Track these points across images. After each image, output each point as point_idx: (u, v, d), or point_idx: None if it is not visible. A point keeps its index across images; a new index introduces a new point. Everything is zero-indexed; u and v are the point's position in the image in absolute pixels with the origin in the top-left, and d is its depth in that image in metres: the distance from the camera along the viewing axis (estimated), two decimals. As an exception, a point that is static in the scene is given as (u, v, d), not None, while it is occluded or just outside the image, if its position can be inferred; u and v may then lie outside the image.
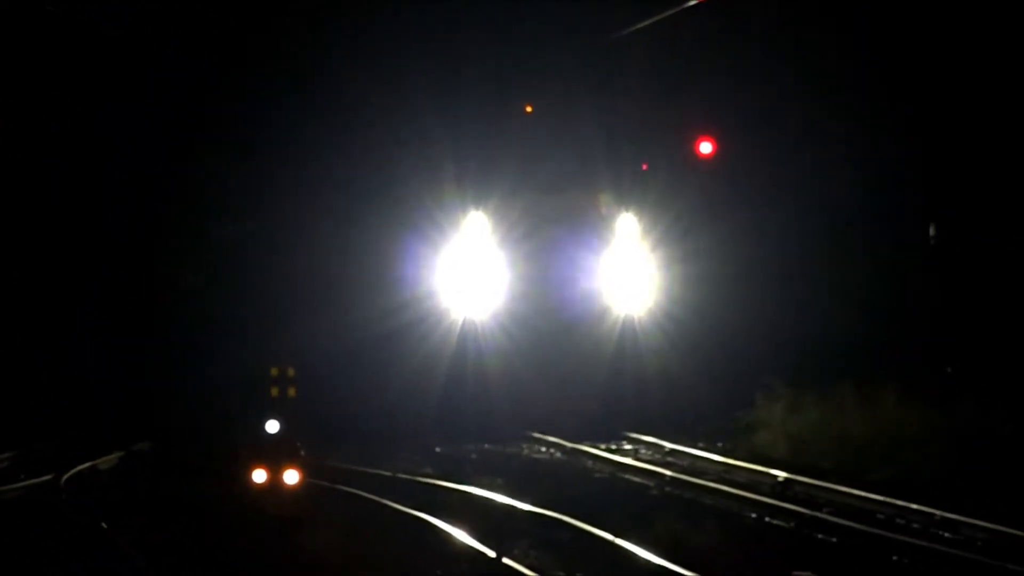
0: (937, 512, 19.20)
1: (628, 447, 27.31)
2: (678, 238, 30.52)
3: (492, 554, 17.60)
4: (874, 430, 26.52)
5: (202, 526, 20.18)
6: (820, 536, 18.52)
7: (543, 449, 27.96)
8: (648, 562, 16.60)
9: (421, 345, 29.77)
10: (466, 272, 30.55)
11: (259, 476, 19.63)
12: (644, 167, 30.05)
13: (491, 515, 20.39)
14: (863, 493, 20.52)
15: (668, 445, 26.80)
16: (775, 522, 19.61)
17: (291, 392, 20.55)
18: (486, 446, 28.15)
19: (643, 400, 30.01)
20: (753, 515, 20.14)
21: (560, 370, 30.39)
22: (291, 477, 19.69)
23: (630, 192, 31.04)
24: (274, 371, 20.36)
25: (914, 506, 19.45)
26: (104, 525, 20.02)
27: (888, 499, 20.02)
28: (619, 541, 17.55)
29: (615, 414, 29.67)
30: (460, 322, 30.36)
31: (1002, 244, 27.62)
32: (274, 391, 20.55)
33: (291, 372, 20.53)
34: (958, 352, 27.04)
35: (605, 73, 30.54)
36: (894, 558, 17.37)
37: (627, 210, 31.21)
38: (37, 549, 18.59)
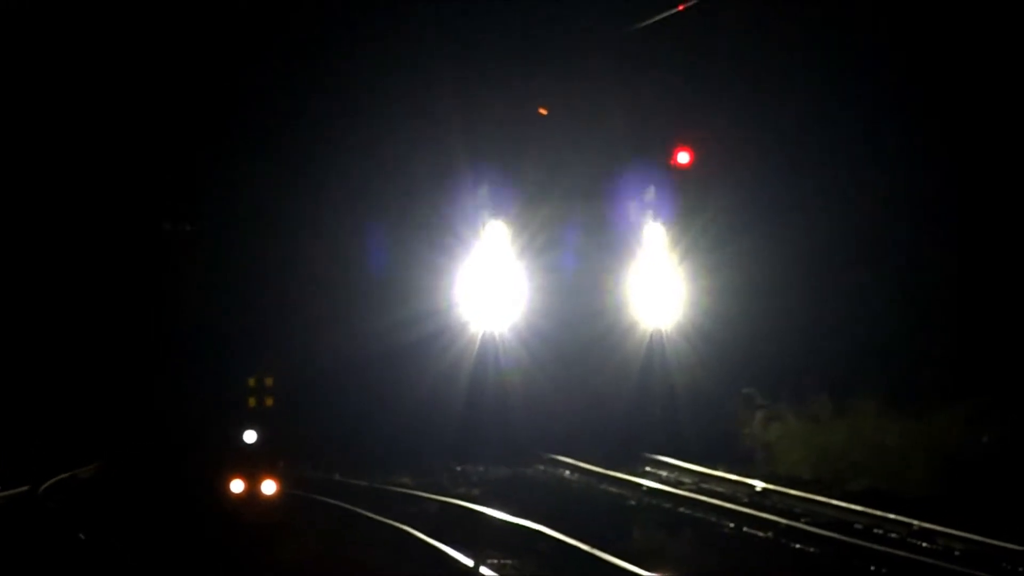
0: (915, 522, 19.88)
1: (651, 470, 26.76)
2: (709, 248, 30.67)
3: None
4: (912, 443, 26.78)
5: (181, 536, 20.22)
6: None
7: (565, 473, 27.24)
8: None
9: (439, 360, 29.48)
10: (485, 284, 30.23)
11: (237, 486, 20.27)
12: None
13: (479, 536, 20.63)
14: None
15: (697, 468, 26.21)
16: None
17: (268, 402, 21.24)
18: (502, 469, 27.57)
19: (672, 419, 29.67)
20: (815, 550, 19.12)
21: (584, 387, 30.00)
22: (268, 487, 20.29)
23: (659, 200, 30.81)
24: (251, 381, 21.05)
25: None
26: (82, 536, 20.57)
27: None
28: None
29: (642, 434, 29.15)
30: (479, 336, 30.05)
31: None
32: (252, 401, 21.29)
33: (269, 382, 21.18)
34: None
35: (634, 70, 30.01)
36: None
37: (656, 219, 30.92)
38: (13, 559, 18.78)
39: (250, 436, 20.71)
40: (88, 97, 30.32)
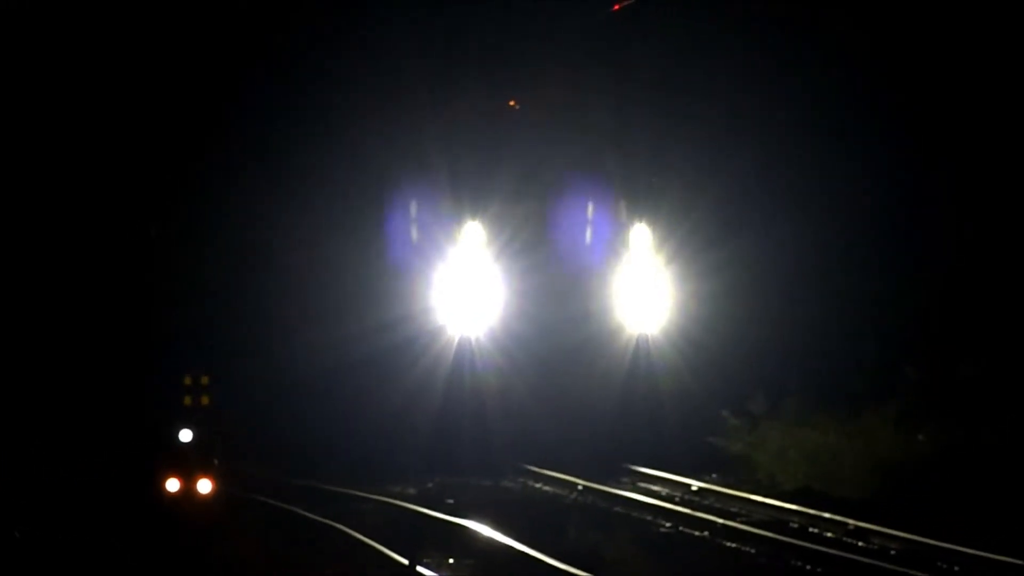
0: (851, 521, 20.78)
1: (640, 484, 26.39)
2: (698, 250, 30.77)
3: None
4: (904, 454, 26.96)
5: (116, 535, 20.71)
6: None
7: (541, 487, 26.85)
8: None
9: (413, 367, 29.07)
10: (461, 288, 29.76)
11: (172, 485, 20.72)
12: None
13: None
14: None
15: (687, 481, 25.89)
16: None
17: (204, 401, 21.69)
18: (481, 481, 27.25)
19: (658, 428, 29.29)
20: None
21: (567, 395, 29.60)
22: (204, 486, 20.71)
23: (644, 199, 30.55)
24: (187, 379, 21.54)
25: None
26: (17, 534, 20.95)
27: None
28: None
29: (626, 444, 28.80)
30: (455, 343, 29.59)
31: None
32: (187, 400, 21.75)
33: (205, 380, 21.64)
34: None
35: (616, 60, 29.99)
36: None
37: (640, 220, 30.57)
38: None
39: (186, 435, 21.32)
40: (65, 101, 30.93)
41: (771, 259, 30.58)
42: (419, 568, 18.18)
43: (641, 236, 30.81)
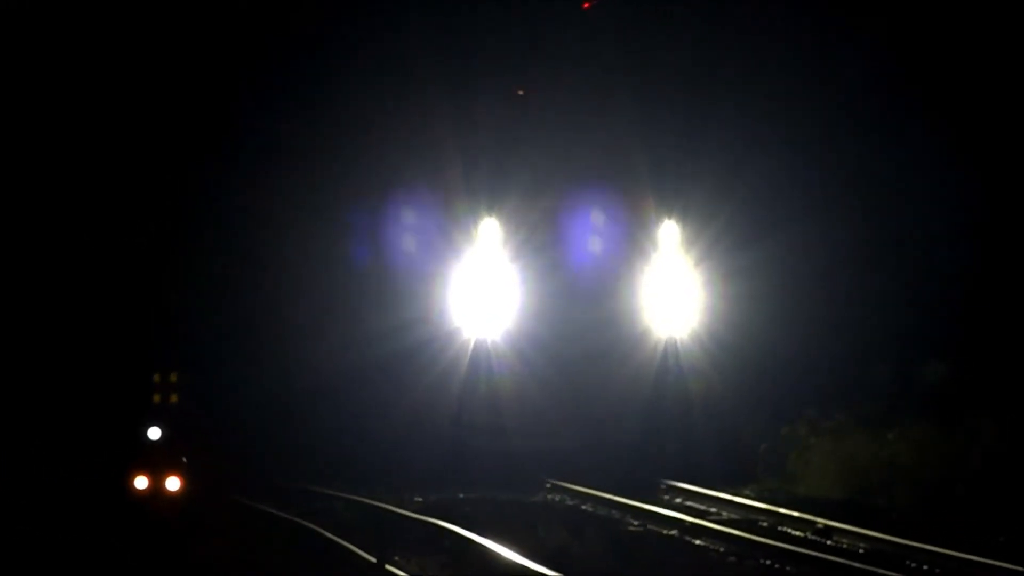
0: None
1: (676, 500, 25.60)
2: (730, 249, 30.20)
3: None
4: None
5: (85, 532, 21.08)
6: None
7: (569, 502, 25.97)
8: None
9: (428, 371, 28.71)
10: (478, 289, 29.28)
11: (141, 483, 21.44)
12: None
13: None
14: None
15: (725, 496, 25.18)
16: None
17: (173, 399, 21.86)
18: (498, 496, 26.42)
19: (690, 438, 28.84)
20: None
21: (591, 403, 29.01)
22: (173, 484, 21.41)
23: (673, 195, 29.87)
24: (156, 377, 21.79)
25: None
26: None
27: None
28: None
29: (655, 456, 28.47)
30: (471, 347, 29.10)
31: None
32: (156, 397, 21.94)
33: (173, 378, 21.84)
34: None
35: (644, 50, 29.29)
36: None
37: (669, 216, 30.02)
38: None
39: (154, 433, 21.57)
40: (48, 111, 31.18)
41: (809, 259, 30.01)
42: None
43: (670, 234, 30.15)
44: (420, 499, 25.87)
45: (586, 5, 29.38)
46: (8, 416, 26.05)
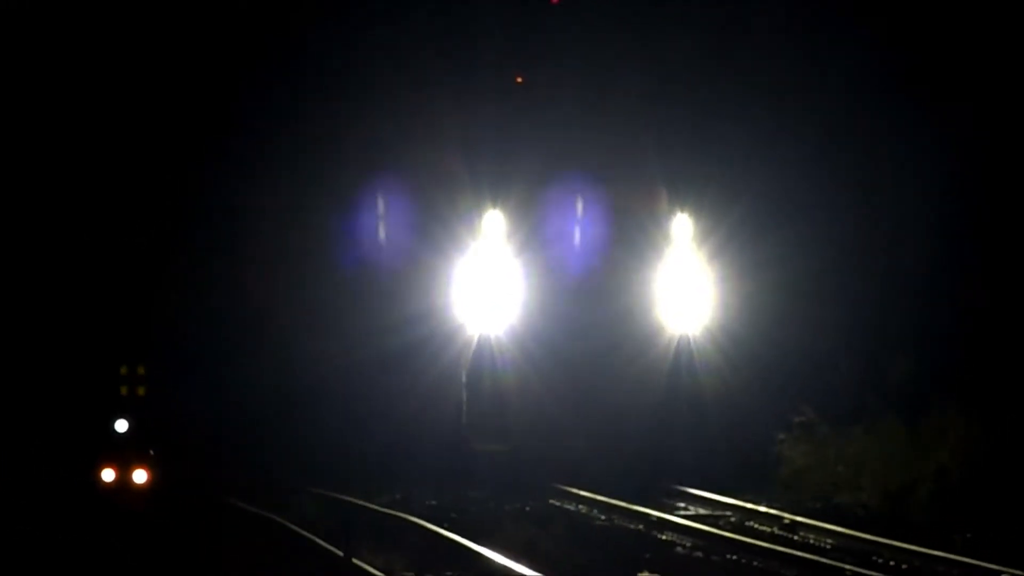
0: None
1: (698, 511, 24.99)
2: (746, 243, 29.69)
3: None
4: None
5: (53, 524, 21.54)
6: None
7: (579, 509, 25.46)
8: None
9: (430, 368, 28.18)
10: (482, 284, 28.68)
11: (108, 475, 21.99)
12: None
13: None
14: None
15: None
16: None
17: (140, 391, 22.15)
18: (504, 505, 25.76)
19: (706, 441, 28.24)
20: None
21: (599, 403, 28.46)
22: (140, 476, 21.94)
23: (687, 186, 29.11)
24: (123, 370, 22.09)
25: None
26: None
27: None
28: None
29: (669, 460, 27.90)
30: (474, 345, 28.46)
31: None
32: (123, 390, 22.18)
33: (141, 371, 22.17)
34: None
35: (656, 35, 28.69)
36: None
37: (682, 209, 29.24)
38: None
39: (121, 425, 21.87)
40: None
41: (829, 253, 29.56)
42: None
43: (683, 227, 29.49)
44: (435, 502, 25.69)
45: (554, 1, 29.11)
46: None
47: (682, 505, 25.72)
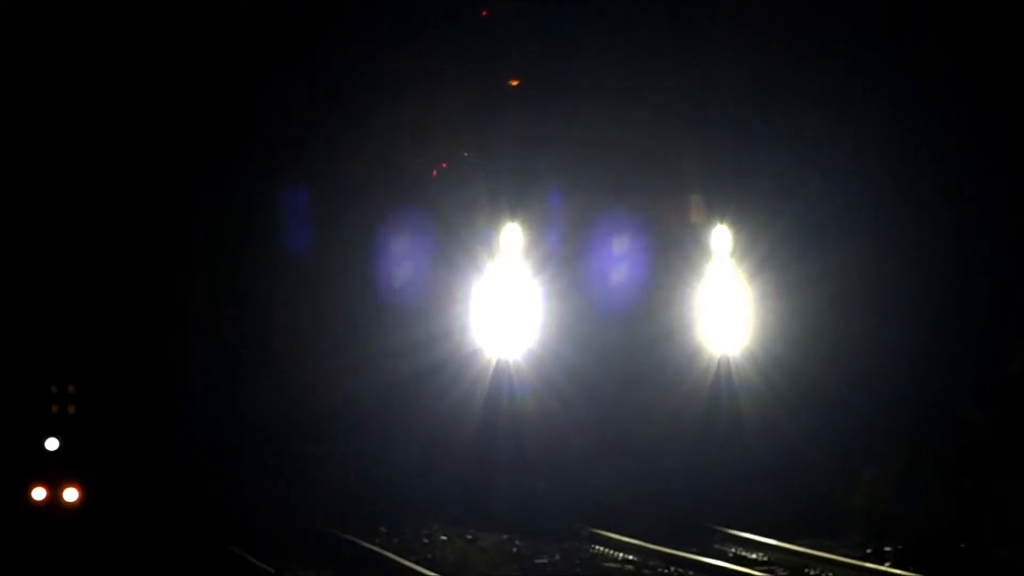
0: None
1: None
2: (793, 258, 28.33)
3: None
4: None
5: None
6: None
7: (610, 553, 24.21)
8: None
9: (444, 396, 27.28)
10: (501, 306, 27.63)
11: (38, 494, 22.76)
12: None
13: None
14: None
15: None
16: None
17: (71, 409, 22.29)
18: (534, 557, 24.38)
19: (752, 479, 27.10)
20: None
21: (631, 436, 27.36)
22: (71, 495, 22.63)
23: (726, 196, 27.90)
24: (53, 388, 22.24)
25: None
26: None
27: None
28: None
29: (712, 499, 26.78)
30: (491, 370, 27.41)
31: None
32: (54, 408, 22.41)
33: (71, 389, 22.31)
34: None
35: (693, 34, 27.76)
36: None
37: (721, 221, 28.01)
38: None
39: (52, 443, 22.08)
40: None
41: (886, 268, 28.29)
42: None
43: (722, 240, 28.31)
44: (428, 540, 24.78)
45: (484, 12, 28.30)
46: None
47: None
